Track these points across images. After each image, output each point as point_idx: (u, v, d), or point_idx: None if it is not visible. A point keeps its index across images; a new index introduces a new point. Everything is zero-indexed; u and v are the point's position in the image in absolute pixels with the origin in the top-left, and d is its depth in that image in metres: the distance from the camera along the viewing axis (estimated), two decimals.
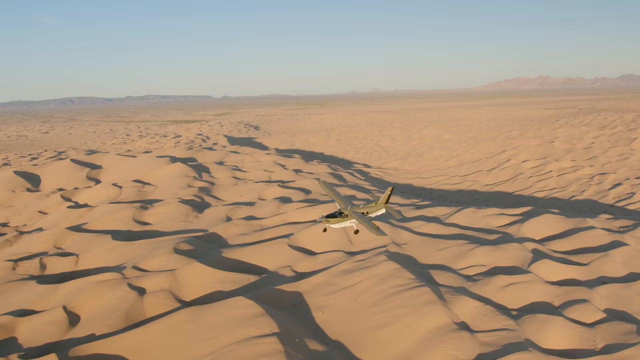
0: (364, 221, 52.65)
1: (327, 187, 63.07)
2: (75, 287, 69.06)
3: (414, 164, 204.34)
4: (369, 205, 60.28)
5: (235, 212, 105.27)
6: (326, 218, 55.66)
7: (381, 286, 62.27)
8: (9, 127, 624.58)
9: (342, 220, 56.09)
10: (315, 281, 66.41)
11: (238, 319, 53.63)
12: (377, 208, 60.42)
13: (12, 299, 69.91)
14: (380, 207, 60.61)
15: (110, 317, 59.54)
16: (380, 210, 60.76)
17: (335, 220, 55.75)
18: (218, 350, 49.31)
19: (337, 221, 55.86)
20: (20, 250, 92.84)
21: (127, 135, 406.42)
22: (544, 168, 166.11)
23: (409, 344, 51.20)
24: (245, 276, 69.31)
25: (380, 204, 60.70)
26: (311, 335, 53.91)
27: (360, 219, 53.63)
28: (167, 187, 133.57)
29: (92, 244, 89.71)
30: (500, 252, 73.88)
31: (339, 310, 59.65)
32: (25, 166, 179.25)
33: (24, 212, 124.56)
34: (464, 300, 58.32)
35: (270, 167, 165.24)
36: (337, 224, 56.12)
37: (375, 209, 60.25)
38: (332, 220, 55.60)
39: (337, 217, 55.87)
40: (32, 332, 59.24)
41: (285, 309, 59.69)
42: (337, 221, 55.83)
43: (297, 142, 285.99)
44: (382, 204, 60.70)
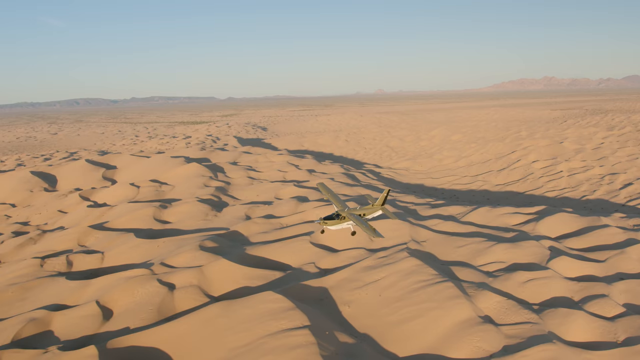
0: (360, 223, 53.45)
1: (324, 189, 64.09)
2: (105, 283, 71.03)
3: (424, 165, 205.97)
4: (365, 207, 60.92)
5: (254, 211, 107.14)
6: (323, 220, 56.52)
7: (405, 281, 63.97)
8: (17, 129, 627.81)
9: (339, 222, 56.80)
10: (339, 277, 68.17)
11: (269, 313, 55.40)
12: (374, 210, 61.16)
13: (43, 294, 71.98)
14: (376, 208, 61.38)
15: (143, 312, 61.43)
16: (377, 211, 61.53)
17: (333, 222, 56.53)
18: (252, 342, 51.07)
19: (335, 223, 56.62)
20: (44, 248, 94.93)
21: (135, 136, 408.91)
22: (554, 168, 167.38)
23: (436, 337, 52.89)
24: (271, 272, 71.10)
25: (376, 205, 61.51)
26: (339, 329, 55.65)
27: (357, 220, 54.44)
28: (184, 186, 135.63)
29: (116, 242, 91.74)
30: (518, 249, 75.45)
31: (364, 304, 61.40)
32: (40, 166, 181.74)
33: (43, 212, 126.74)
34: (486, 295, 59.98)
35: (283, 167, 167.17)
36: (334, 226, 56.91)
37: (372, 210, 61.00)
38: (330, 222, 56.42)
39: (334, 219, 56.67)
40: (67, 325, 61.17)
41: (312, 304, 61.42)
42: (334, 223, 56.59)
43: (306, 143, 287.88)
44: (379, 205, 61.55)
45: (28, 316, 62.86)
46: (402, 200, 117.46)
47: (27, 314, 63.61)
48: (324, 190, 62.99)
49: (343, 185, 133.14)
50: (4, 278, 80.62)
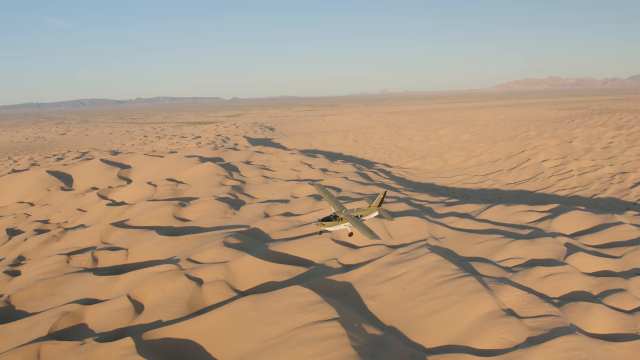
0: (357, 224, 54.28)
1: (322, 191, 65.02)
2: (134, 278, 72.98)
3: (434, 164, 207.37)
4: (362, 209, 61.63)
5: (272, 209, 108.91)
6: (321, 221, 57.48)
7: (427, 276, 65.65)
8: (25, 129, 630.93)
9: (336, 224, 57.71)
10: (362, 272, 69.88)
11: (298, 306, 57.18)
12: (371, 211, 61.99)
13: (72, 289, 73.94)
14: (373, 210, 62.23)
15: (174, 305, 63.29)
16: (374, 213, 62.34)
17: (331, 224, 57.45)
18: (284, 334, 52.85)
19: (332, 224, 57.53)
20: (68, 245, 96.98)
21: (144, 136, 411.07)
22: (564, 167, 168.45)
23: (461, 329, 54.54)
24: (295, 268, 72.82)
25: (373, 207, 62.34)
26: (366, 321, 57.33)
27: (354, 222, 55.28)
28: (200, 185, 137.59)
29: (138, 239, 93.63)
30: (535, 245, 76.98)
31: (389, 298, 63.10)
32: (54, 166, 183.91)
33: (62, 210, 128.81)
34: (508, 289, 61.57)
35: (297, 166, 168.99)
36: (332, 227, 57.80)
37: (369, 212, 61.83)
38: (327, 223, 57.35)
39: (332, 221, 57.58)
40: (100, 318, 63.09)
41: (338, 298, 63.11)
42: (332, 224, 57.51)
43: (315, 143, 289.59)
44: (375, 207, 62.41)
45: (61, 310, 64.85)
46: (416, 199, 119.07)
47: (60, 308, 65.60)
48: (321, 192, 63.80)
49: (357, 184, 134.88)
50: (31, 274, 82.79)
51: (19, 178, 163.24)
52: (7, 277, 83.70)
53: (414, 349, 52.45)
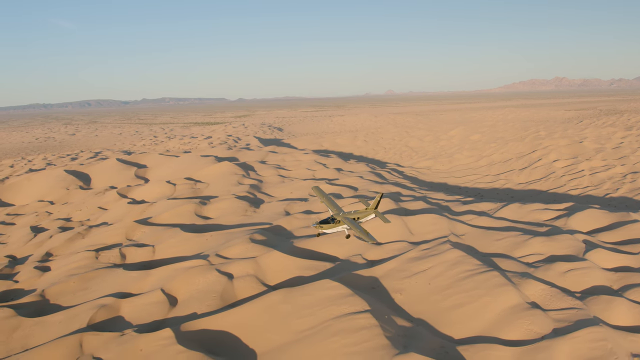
0: (355, 227, 55.65)
1: (320, 193, 66.34)
2: (165, 273, 75.16)
3: (446, 164, 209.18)
4: (360, 211, 62.87)
5: (292, 207, 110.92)
6: (319, 224, 59.03)
7: (452, 271, 67.55)
8: (34, 129, 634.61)
9: (334, 226, 59.20)
10: (388, 267, 71.85)
11: (329, 299, 59.17)
12: (367, 213, 63.29)
13: (104, 284, 76.18)
14: (370, 212, 63.55)
15: (207, 299, 65.44)
16: (370, 215, 63.60)
17: (329, 226, 58.94)
18: (317, 325, 54.84)
19: (330, 227, 59.02)
20: (94, 242, 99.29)
21: (154, 136, 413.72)
22: (575, 167, 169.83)
23: (488, 320, 56.42)
24: (321, 263, 74.83)
25: (370, 209, 63.74)
26: (395, 314, 59.28)
27: (352, 224, 56.72)
28: (219, 184, 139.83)
29: (163, 236, 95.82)
30: (554, 242, 78.76)
31: (415, 292, 65.03)
32: (70, 166, 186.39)
33: (84, 208, 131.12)
34: (531, 284, 63.43)
35: (312, 165, 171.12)
36: (330, 230, 59.27)
37: (366, 214, 63.13)
38: (325, 226, 58.84)
39: (330, 223, 59.04)
40: (136, 311, 65.28)
41: (365, 291, 65.04)
42: (330, 227, 59.00)
43: (325, 143, 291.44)
44: (372, 209, 63.86)
45: (98, 303, 67.08)
46: (432, 197, 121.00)
47: (96, 301, 67.83)
48: (319, 195, 64.99)
49: (372, 183, 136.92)
50: (62, 270, 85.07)
51: (38, 177, 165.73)
52: (38, 273, 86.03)
53: (444, 339, 54.34)
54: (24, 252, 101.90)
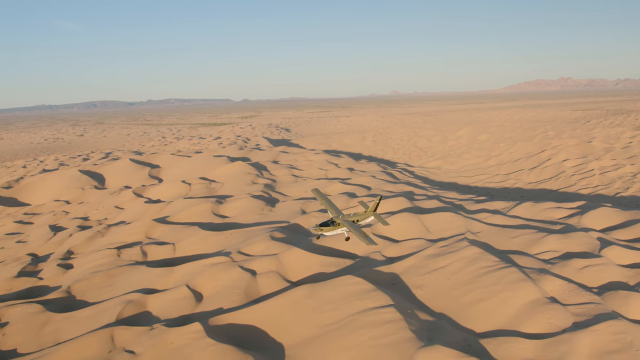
0: (354, 230, 56.76)
1: (319, 196, 67.42)
2: (188, 270, 76.87)
3: (455, 164, 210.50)
4: (359, 214, 63.92)
5: (307, 206, 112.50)
6: (319, 227, 60.43)
7: (470, 267, 68.95)
8: (42, 130, 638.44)
9: (334, 229, 60.42)
10: (407, 264, 73.33)
11: (353, 294, 60.72)
12: (367, 216, 64.38)
13: (129, 281, 77.88)
14: (369, 215, 64.64)
15: (232, 294, 67.08)
16: (369, 218, 64.66)
17: (328, 229, 60.15)
18: (343, 319, 56.38)
19: (330, 229, 60.21)
20: (114, 240, 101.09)
21: (162, 137, 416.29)
22: (585, 167, 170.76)
23: (509, 315, 57.83)
24: (342, 260, 76.36)
25: (369, 212, 64.78)
26: (417, 308, 60.68)
27: (351, 227, 57.85)
28: (233, 184, 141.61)
29: (182, 234, 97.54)
30: (569, 239, 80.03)
31: (435, 288, 66.48)
32: (84, 166, 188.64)
33: (100, 208, 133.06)
34: (548, 279, 64.77)
35: (324, 165, 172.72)
36: (329, 232, 60.45)
37: (365, 217, 64.21)
38: (325, 228, 60.04)
39: (329, 226, 60.21)
40: (162, 307, 66.97)
41: (386, 287, 66.51)
42: (329, 229, 60.19)
43: (334, 144, 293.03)
44: (371, 212, 64.91)
45: (125, 299, 68.77)
46: (446, 196, 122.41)
47: (123, 297, 69.52)
48: (319, 197, 66.06)
49: (385, 182, 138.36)
50: (85, 267, 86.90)
51: (53, 177, 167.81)
52: (61, 270, 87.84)
53: (466, 333, 55.79)
54: (44, 251, 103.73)
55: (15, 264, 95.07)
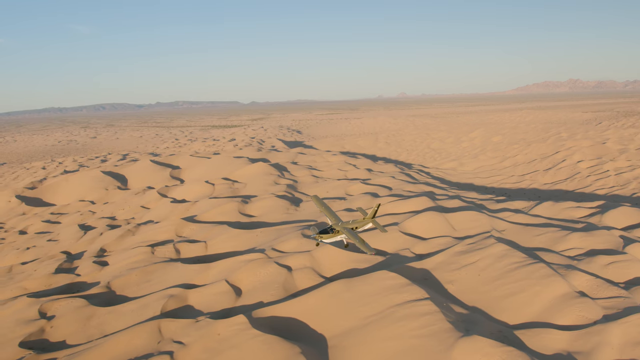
0: (353, 237, 58.52)
1: (319, 203, 69.26)
2: (225, 266, 79.54)
3: (470, 165, 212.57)
4: (358, 221, 65.77)
5: (332, 205, 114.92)
6: (319, 234, 62.32)
7: (499, 263, 71.24)
8: (54, 133, 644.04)
9: (333, 236, 62.36)
10: (436, 260, 75.65)
11: (389, 288, 63.14)
12: (365, 223, 66.19)
13: (166, 276, 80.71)
14: (367, 221, 66.43)
15: (271, 289, 69.66)
16: (368, 224, 66.64)
17: (328, 236, 62.08)
18: (383, 311, 58.81)
19: (329, 236, 62.14)
20: (145, 239, 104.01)
21: (175, 139, 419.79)
22: (600, 167, 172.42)
23: (540, 308, 60.10)
24: (373, 257, 78.73)
25: (367, 218, 66.71)
26: (451, 302, 63.11)
27: (350, 234, 59.66)
28: (255, 184, 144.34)
29: (213, 232, 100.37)
30: (593, 237, 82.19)
31: (466, 283, 68.82)
32: (105, 167, 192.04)
33: (126, 207, 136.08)
34: (576, 275, 67.02)
35: (342, 166, 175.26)
36: (329, 239, 62.43)
37: (363, 223, 66.01)
38: (325, 236, 61.98)
39: (329, 233, 62.09)
40: (204, 301, 69.66)
41: (419, 282, 68.88)
42: (329, 237, 62.11)
43: (347, 145, 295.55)
44: (370, 218, 66.82)
45: (166, 293, 71.58)
46: (466, 196, 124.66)
47: (164, 291, 72.33)
48: (318, 204, 68.06)
49: (405, 182, 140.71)
50: (120, 264, 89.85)
51: (76, 178, 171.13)
52: (97, 267, 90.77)
53: (500, 325, 58.08)
54: (77, 249, 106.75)
55: (51, 261, 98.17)
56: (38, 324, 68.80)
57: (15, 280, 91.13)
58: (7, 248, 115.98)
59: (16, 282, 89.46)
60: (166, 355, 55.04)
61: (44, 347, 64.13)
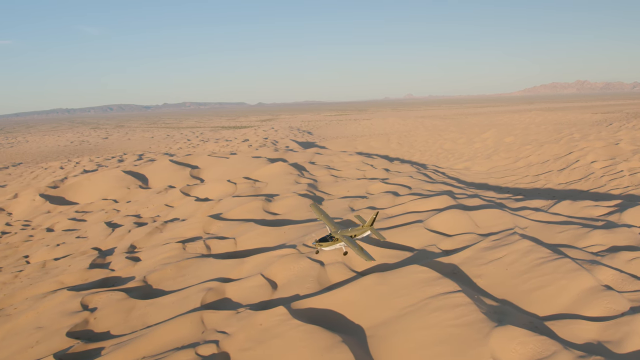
0: (353, 245, 60.56)
1: (317, 211, 71.25)
2: (259, 260, 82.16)
3: (484, 165, 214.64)
4: (356, 229, 67.84)
5: (355, 204, 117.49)
6: (319, 242, 64.46)
7: (525, 258, 73.57)
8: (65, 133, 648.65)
9: (332, 244, 64.45)
10: (463, 255, 78.05)
11: (422, 281, 65.66)
12: (364, 231, 68.28)
13: (200, 271, 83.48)
14: (366, 229, 68.52)
15: (305, 282, 72.23)
16: (366, 232, 68.71)
17: (327, 244, 64.15)
18: (417, 303, 61.33)
19: (329, 244, 64.19)
20: (173, 236, 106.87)
21: (188, 140, 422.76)
22: (614, 168, 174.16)
23: (569, 300, 62.44)
24: (401, 252, 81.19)
25: (366, 226, 68.70)
26: (481, 295, 65.59)
27: (349, 242, 61.71)
28: (276, 183, 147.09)
29: (240, 229, 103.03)
30: (614, 234, 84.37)
31: (494, 277, 71.21)
32: (124, 167, 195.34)
33: (150, 206, 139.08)
34: (601, 269, 69.33)
35: (360, 166, 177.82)
36: (328, 247, 64.57)
37: (362, 231, 68.11)
38: (324, 244, 64.09)
39: (328, 241, 64.17)
40: (241, 294, 72.39)
41: (449, 276, 71.32)
42: (328, 244, 64.17)
43: (360, 146, 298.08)
44: (368, 226, 68.87)
45: (204, 286, 74.40)
46: (485, 195, 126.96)
47: (202, 285, 75.16)
48: (317, 213, 70.23)
49: (423, 182, 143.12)
50: (153, 260, 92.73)
51: (97, 177, 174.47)
52: (131, 262, 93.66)
53: (530, 316, 60.45)
54: (107, 245, 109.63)
55: (83, 257, 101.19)
56: (82, 316, 71.68)
57: (51, 274, 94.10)
58: (37, 244, 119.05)
59: (52, 276, 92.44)
60: (212, 344, 57.73)
61: (90, 337, 67.01)
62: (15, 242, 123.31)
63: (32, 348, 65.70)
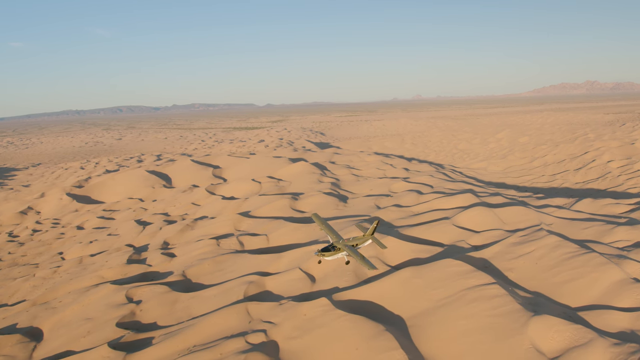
0: (355, 254, 62.43)
1: (319, 220, 73.23)
2: (295, 255, 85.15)
3: (500, 165, 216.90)
4: (358, 238, 69.32)
5: (380, 202, 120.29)
6: (321, 252, 66.48)
7: (554, 253, 76.09)
8: (78, 135, 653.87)
9: (335, 253, 66.17)
10: (493, 250, 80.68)
11: (457, 274, 68.36)
12: (365, 240, 69.93)
13: (236, 266, 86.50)
14: (367, 238, 70.17)
15: (344, 275, 75.17)
16: (367, 241, 70.67)
17: (329, 254, 65.87)
18: (453, 295, 64.05)
19: (331, 254, 65.84)
20: (205, 233, 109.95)
21: (202, 140, 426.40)
22: (631, 167, 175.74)
23: (599, 292, 64.93)
24: (432, 247, 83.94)
25: (367, 235, 70.74)
26: (514, 287, 68.22)
27: (351, 251, 63.63)
28: (299, 182, 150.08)
29: (271, 226, 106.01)
30: (638, 230, 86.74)
31: (525, 270, 73.78)
32: (146, 167, 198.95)
33: (177, 204, 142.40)
34: (628, 263, 71.61)
35: (380, 166, 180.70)
36: (330, 257, 66.39)
37: (363, 240, 69.84)
38: (327, 253, 65.75)
39: (330, 251, 65.84)
40: (281, 286, 75.36)
41: (481, 270, 73.99)
42: (330, 254, 65.85)
43: (374, 146, 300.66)
44: (369, 235, 70.92)
45: (245, 279, 77.46)
46: (506, 194, 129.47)
47: (243, 278, 78.21)
48: (318, 222, 71.94)
49: (444, 181, 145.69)
50: (188, 255, 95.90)
51: (121, 177, 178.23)
52: (167, 258, 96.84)
53: (563, 307, 63.06)
54: (140, 242, 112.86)
55: (119, 253, 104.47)
56: (128, 308, 74.84)
57: (90, 270, 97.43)
58: (69, 242, 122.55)
59: (91, 271, 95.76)
60: (260, 333, 60.69)
61: (138, 328, 70.14)
62: (48, 239, 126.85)
63: (85, 337, 68.90)
